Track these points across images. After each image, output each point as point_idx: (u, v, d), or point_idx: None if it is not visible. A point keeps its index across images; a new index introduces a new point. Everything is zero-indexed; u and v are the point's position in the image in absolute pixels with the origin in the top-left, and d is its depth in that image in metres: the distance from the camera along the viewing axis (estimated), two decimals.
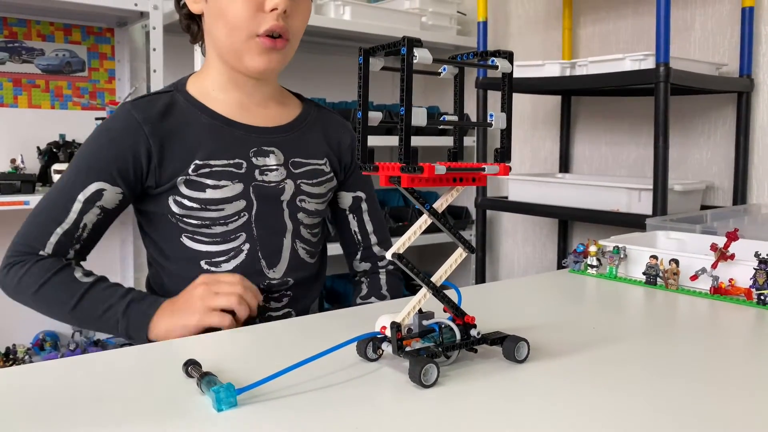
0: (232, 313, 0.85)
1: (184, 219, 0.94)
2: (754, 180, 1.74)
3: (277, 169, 0.99)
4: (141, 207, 0.99)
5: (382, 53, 0.58)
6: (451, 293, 0.62)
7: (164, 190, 0.94)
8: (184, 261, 0.96)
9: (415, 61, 0.54)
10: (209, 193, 0.93)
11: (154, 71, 1.91)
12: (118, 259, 2.14)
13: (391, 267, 1.15)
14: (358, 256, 1.14)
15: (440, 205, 0.61)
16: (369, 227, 1.13)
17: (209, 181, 0.93)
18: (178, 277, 0.96)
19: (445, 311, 0.63)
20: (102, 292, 0.90)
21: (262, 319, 0.96)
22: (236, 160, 0.96)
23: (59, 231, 0.91)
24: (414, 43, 0.54)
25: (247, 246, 0.96)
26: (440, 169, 0.57)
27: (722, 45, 1.80)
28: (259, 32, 0.92)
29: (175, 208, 0.94)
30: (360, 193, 1.12)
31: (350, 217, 1.12)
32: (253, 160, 0.97)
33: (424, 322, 0.61)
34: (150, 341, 0.85)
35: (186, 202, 0.93)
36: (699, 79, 1.61)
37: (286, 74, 1.12)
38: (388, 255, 0.58)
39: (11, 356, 1.85)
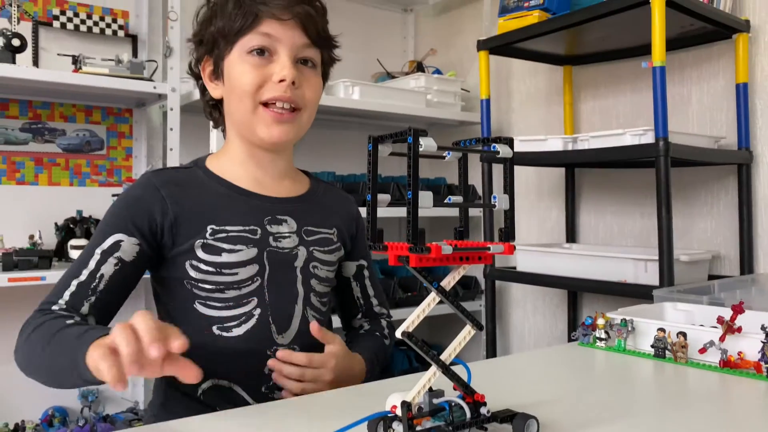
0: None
1: (200, 284, 0.96)
2: (760, 249, 1.75)
3: (290, 237, 1.02)
4: (159, 273, 1.01)
5: (390, 141, 0.62)
6: (460, 370, 0.63)
7: (182, 253, 0.96)
8: (196, 327, 0.96)
9: (421, 150, 0.58)
10: (224, 257, 0.95)
11: (171, 149, 1.98)
12: None
13: (389, 319, 1.19)
14: (359, 317, 1.17)
15: (448, 282, 0.63)
16: (371, 291, 1.17)
17: (225, 245, 0.96)
18: (189, 342, 0.96)
19: (455, 389, 0.64)
20: (74, 329, 0.84)
21: (268, 389, 0.97)
22: (251, 227, 0.99)
23: (75, 283, 0.92)
24: (419, 133, 0.58)
25: (258, 311, 0.97)
26: (447, 249, 0.59)
27: (719, 119, 1.86)
28: (262, 100, 0.97)
29: (192, 273, 0.95)
30: (363, 261, 1.16)
31: (353, 284, 1.15)
32: (268, 227, 1.00)
33: (435, 401, 0.62)
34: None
35: (202, 266, 0.95)
36: (698, 152, 1.66)
37: (297, 149, 1.18)
38: (398, 333, 0.60)
39: None
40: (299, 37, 0.99)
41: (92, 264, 0.93)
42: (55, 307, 0.91)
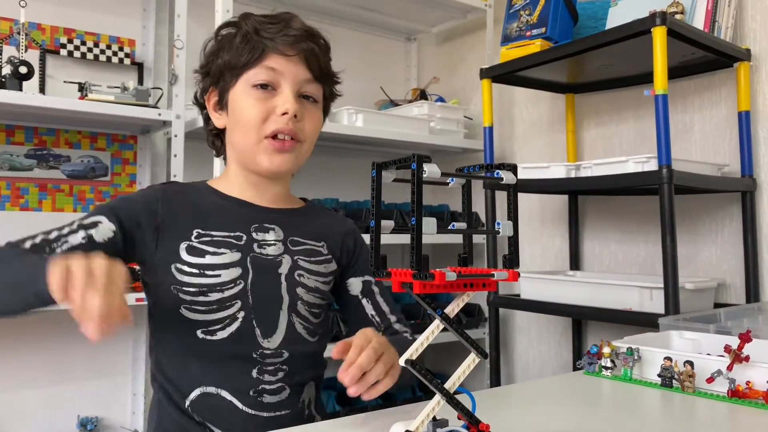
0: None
1: (184, 287, 0.98)
2: (765, 277, 1.74)
3: (275, 245, 1.05)
4: (149, 279, 1.03)
5: (394, 167, 0.62)
6: (465, 399, 0.62)
7: (168, 255, 0.99)
8: (182, 332, 0.99)
9: (424, 176, 0.58)
10: (207, 259, 0.99)
11: (174, 176, 1.99)
12: (131, 360, 2.13)
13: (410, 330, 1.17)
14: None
15: (452, 310, 0.63)
16: (385, 307, 1.15)
17: (209, 248, 1.00)
18: (175, 352, 1.00)
19: (459, 418, 0.63)
20: (34, 255, 0.90)
21: (257, 393, 0.98)
22: (236, 233, 1.03)
23: (41, 237, 0.94)
24: (423, 159, 0.58)
25: (242, 314, 0.99)
26: (451, 275, 0.59)
27: (722, 146, 1.86)
28: (267, 134, 1.01)
29: (177, 276, 0.98)
30: (368, 277, 1.16)
31: (364, 301, 1.15)
32: (253, 234, 1.04)
33: (439, 431, 0.61)
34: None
35: (186, 268, 0.98)
36: (702, 180, 1.65)
37: (302, 175, 1.19)
38: (401, 362, 0.59)
39: None
40: (303, 73, 1.03)
41: (65, 229, 0.96)
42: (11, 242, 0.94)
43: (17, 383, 1.93)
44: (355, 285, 1.15)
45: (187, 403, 0.98)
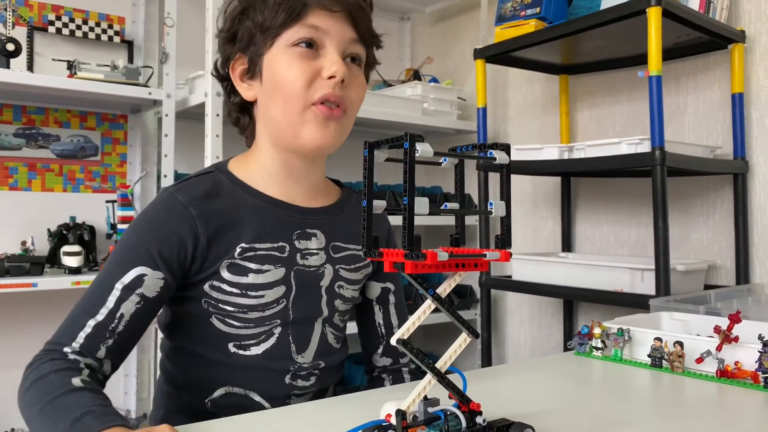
0: None
1: (220, 305, 0.89)
2: (756, 259, 1.75)
3: (317, 254, 0.95)
4: (175, 292, 0.92)
5: (386, 146, 0.61)
6: (456, 378, 0.63)
7: (205, 276, 0.88)
8: (210, 342, 0.91)
9: (417, 155, 0.57)
10: (251, 278, 0.89)
11: (165, 156, 1.97)
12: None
13: (413, 366, 1.09)
14: (380, 351, 1.08)
15: (443, 290, 0.62)
16: (394, 320, 1.08)
17: (252, 265, 0.89)
18: (200, 356, 0.92)
19: (450, 397, 0.63)
20: (73, 399, 0.73)
21: (289, 399, 0.95)
22: (279, 243, 0.92)
23: (92, 323, 0.82)
24: (416, 138, 0.57)
25: (278, 330, 0.93)
26: (443, 255, 0.59)
27: (715, 128, 1.86)
28: (314, 100, 0.88)
29: (213, 293, 0.89)
30: (389, 285, 1.08)
31: (376, 308, 1.08)
32: (296, 243, 0.94)
33: (430, 409, 0.61)
34: None
35: (225, 286, 0.88)
36: (694, 161, 1.66)
37: None
38: (393, 340, 0.59)
39: None
40: (348, 32, 0.91)
41: (111, 301, 0.83)
42: (67, 349, 0.81)
43: (10, 363, 1.93)
44: (374, 289, 1.07)
45: (208, 401, 0.92)
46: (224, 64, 0.97)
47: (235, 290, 0.89)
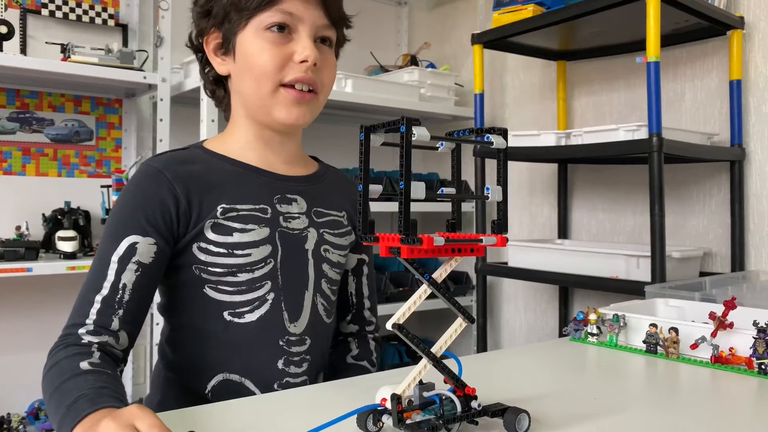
0: None
1: (209, 268, 0.91)
2: (751, 247, 1.75)
3: (299, 217, 0.98)
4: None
5: (383, 130, 0.61)
6: (451, 363, 0.62)
7: (191, 238, 0.91)
8: (206, 314, 0.93)
9: (413, 139, 0.57)
10: (236, 237, 0.91)
11: (161, 140, 1.96)
12: None
13: (377, 334, 1.13)
14: (348, 318, 1.12)
15: (439, 275, 0.62)
16: (365, 291, 1.12)
17: (236, 225, 0.91)
18: (198, 332, 0.93)
19: (445, 382, 0.63)
20: (76, 383, 0.74)
21: (281, 387, 0.94)
22: (261, 206, 0.95)
23: (98, 298, 0.85)
24: (413, 122, 0.57)
25: (271, 296, 0.94)
26: (439, 240, 0.58)
27: (713, 115, 1.86)
28: (285, 82, 0.92)
29: (201, 256, 0.91)
30: (364, 256, 1.12)
31: (350, 278, 1.11)
32: (278, 206, 0.96)
33: (425, 394, 0.61)
34: None
35: (212, 247, 0.90)
36: (691, 148, 1.65)
37: None
38: (389, 325, 0.59)
39: (5, 426, 1.81)
40: (320, 17, 0.94)
41: (111, 274, 0.86)
42: (82, 330, 0.83)
43: (6, 348, 1.93)
44: (350, 260, 1.09)
45: (208, 389, 0.93)
46: (198, 36, 1.00)
47: (221, 250, 0.91)
